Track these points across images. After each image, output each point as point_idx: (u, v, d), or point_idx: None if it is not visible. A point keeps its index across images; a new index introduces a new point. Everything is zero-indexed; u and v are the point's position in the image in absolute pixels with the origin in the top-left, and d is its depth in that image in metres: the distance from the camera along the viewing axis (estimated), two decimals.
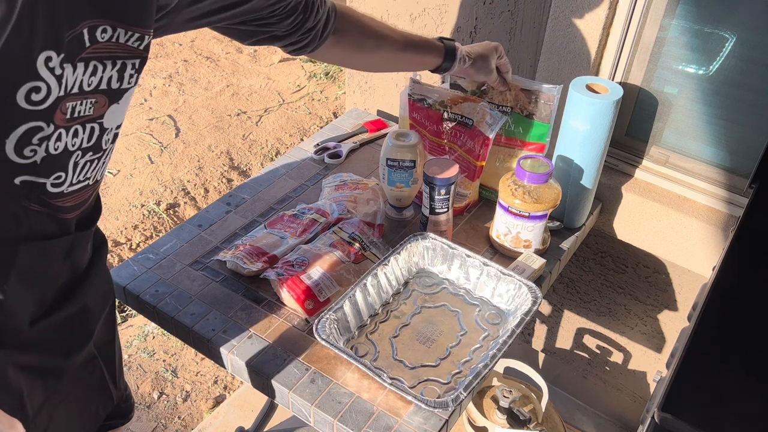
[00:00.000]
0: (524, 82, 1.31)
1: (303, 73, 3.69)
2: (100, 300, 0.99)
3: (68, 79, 0.74)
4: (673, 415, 0.76)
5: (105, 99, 0.80)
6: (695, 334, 0.87)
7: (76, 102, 0.76)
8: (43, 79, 0.71)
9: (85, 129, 0.80)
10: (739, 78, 1.29)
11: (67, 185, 0.82)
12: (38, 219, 0.81)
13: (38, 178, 0.78)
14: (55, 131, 0.76)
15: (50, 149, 0.77)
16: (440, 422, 0.99)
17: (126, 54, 0.79)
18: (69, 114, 0.76)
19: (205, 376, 2.09)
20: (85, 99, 0.77)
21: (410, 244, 1.24)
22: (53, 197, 0.81)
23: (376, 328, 1.15)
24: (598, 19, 1.32)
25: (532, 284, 1.16)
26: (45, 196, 0.80)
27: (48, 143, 0.76)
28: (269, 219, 1.35)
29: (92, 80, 0.77)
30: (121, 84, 0.81)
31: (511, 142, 1.38)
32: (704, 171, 1.40)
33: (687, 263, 1.44)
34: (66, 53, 0.72)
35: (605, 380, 1.86)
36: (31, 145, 0.74)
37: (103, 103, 0.80)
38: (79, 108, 0.77)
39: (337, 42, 1.15)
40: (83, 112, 0.78)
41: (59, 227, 0.85)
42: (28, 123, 0.72)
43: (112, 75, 0.79)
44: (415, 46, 1.24)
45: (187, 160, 3.00)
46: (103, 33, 0.75)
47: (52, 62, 0.71)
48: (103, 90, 0.79)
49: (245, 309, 1.17)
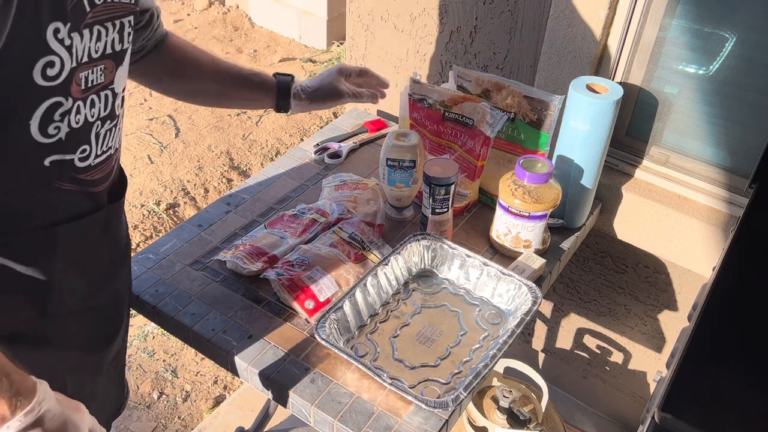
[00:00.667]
0: (527, 89, 1.31)
1: (303, 73, 3.69)
2: (126, 287, 1.01)
3: (77, 48, 0.73)
4: (673, 415, 0.76)
5: (112, 63, 0.80)
6: (695, 334, 0.87)
7: (87, 71, 0.76)
8: (55, 52, 0.70)
9: (100, 97, 0.80)
10: (739, 78, 1.29)
11: (93, 157, 0.82)
12: (72, 197, 0.81)
13: (65, 155, 0.78)
14: (74, 104, 0.75)
15: (72, 123, 0.76)
16: (440, 422, 0.99)
17: (121, 12, 0.79)
18: (83, 84, 0.76)
19: (205, 376, 2.09)
20: (95, 66, 0.77)
21: (410, 244, 1.24)
22: (82, 172, 0.81)
23: (376, 328, 1.15)
24: (598, 19, 1.32)
25: (532, 284, 1.16)
26: (74, 172, 0.80)
27: (69, 117, 0.76)
28: (269, 219, 1.35)
29: (98, 46, 0.76)
30: (122, 45, 0.81)
31: (512, 147, 1.37)
32: (704, 171, 1.40)
33: (687, 263, 1.44)
34: (72, 22, 0.71)
35: (605, 380, 1.86)
36: (53, 122, 0.74)
37: (111, 68, 0.80)
38: (91, 77, 0.77)
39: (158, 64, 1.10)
40: (96, 80, 0.78)
41: (92, 202, 0.85)
42: (48, 100, 0.72)
43: (114, 37, 0.79)
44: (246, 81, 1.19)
45: (187, 160, 3.00)
46: None
47: (60, 33, 0.70)
48: (109, 54, 0.79)
49: (245, 309, 1.17)
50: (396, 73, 1.77)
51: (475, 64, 1.61)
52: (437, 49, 1.65)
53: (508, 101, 1.32)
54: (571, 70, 1.40)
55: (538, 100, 1.28)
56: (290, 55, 3.85)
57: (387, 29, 1.72)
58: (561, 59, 1.40)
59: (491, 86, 1.35)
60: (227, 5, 4.26)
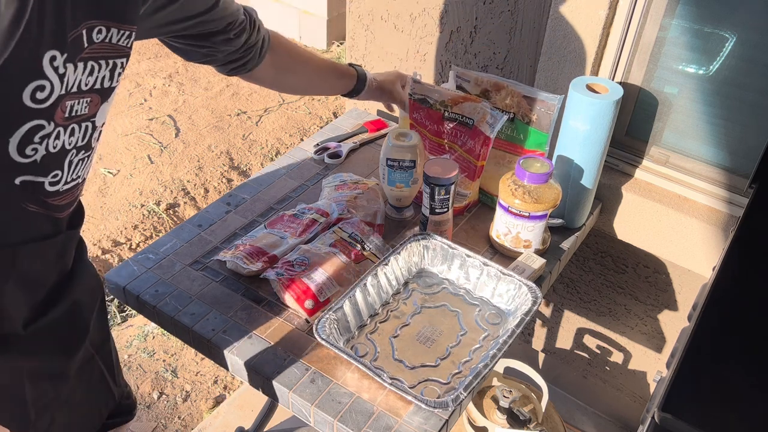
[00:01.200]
0: (526, 89, 1.31)
1: None
2: (89, 295, 1.00)
3: (69, 78, 0.75)
4: (673, 415, 0.76)
5: (98, 98, 0.82)
6: (695, 334, 0.87)
7: (74, 101, 0.78)
8: (48, 77, 0.72)
9: (81, 127, 0.81)
10: (739, 78, 1.29)
11: (62, 184, 0.83)
12: (36, 220, 0.82)
13: (37, 177, 0.79)
14: (54, 129, 0.77)
15: (50, 148, 0.78)
16: (440, 422, 0.99)
17: (117, 53, 0.81)
18: (68, 113, 0.78)
19: (205, 376, 2.09)
20: (82, 98, 0.79)
21: (410, 244, 1.24)
22: (50, 196, 0.82)
23: (376, 328, 1.15)
24: (598, 19, 1.32)
25: (532, 284, 1.16)
26: (42, 195, 0.81)
27: (48, 141, 0.77)
28: (269, 219, 1.35)
29: (89, 80, 0.79)
30: (111, 83, 0.83)
31: (512, 147, 1.37)
32: (704, 171, 1.40)
33: (687, 263, 1.44)
34: (69, 53, 0.73)
35: (605, 380, 1.86)
36: (32, 143, 0.75)
37: (97, 102, 0.82)
38: (76, 107, 0.79)
39: (272, 62, 1.21)
40: (80, 111, 0.80)
41: (54, 227, 0.86)
42: (31, 121, 0.74)
43: (105, 74, 0.81)
44: (335, 70, 1.34)
45: (187, 160, 3.00)
46: (98, 33, 0.77)
47: (56, 61, 0.72)
48: (97, 89, 0.81)
49: (245, 309, 1.17)
50: None
51: (475, 64, 1.61)
52: (437, 49, 1.65)
53: (507, 101, 1.32)
54: (571, 70, 1.40)
55: (537, 100, 1.28)
56: None
57: (387, 29, 1.72)
58: (561, 59, 1.40)
59: (490, 86, 1.35)
60: None
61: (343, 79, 1.36)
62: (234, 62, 1.14)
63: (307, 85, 1.34)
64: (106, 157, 2.98)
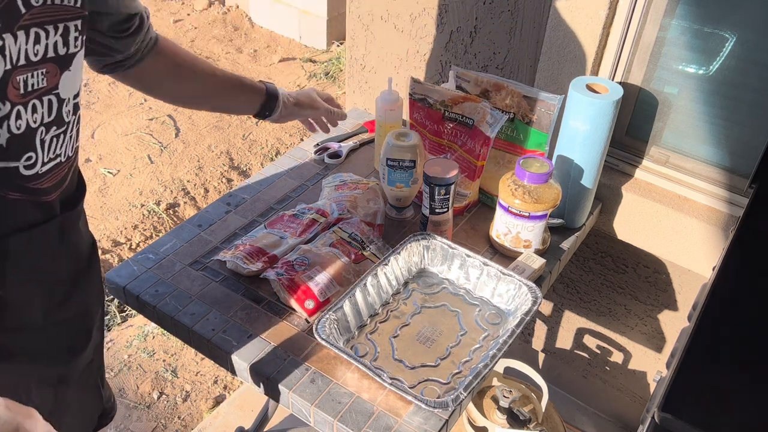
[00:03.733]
0: (526, 89, 1.30)
1: (303, 73, 3.69)
2: (96, 301, 0.99)
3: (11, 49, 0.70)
4: (673, 415, 0.76)
5: (55, 67, 0.77)
6: (695, 334, 0.87)
7: (26, 74, 0.73)
8: None
9: (43, 103, 0.76)
10: (739, 78, 1.29)
11: (39, 165, 0.78)
12: (19, 207, 0.78)
13: (8, 162, 0.75)
14: (12, 109, 0.73)
15: (12, 129, 0.73)
16: (440, 422, 0.99)
17: (65, 15, 0.76)
18: (22, 88, 0.73)
19: (205, 376, 2.09)
20: (35, 70, 0.74)
21: (410, 244, 1.24)
22: (29, 180, 0.78)
23: (376, 328, 1.15)
24: (598, 19, 1.32)
25: (532, 284, 1.16)
26: (20, 180, 0.77)
27: (8, 122, 0.73)
28: (269, 219, 1.35)
29: (37, 49, 0.73)
30: (68, 49, 0.77)
31: (511, 147, 1.37)
32: (704, 171, 1.40)
33: (687, 263, 1.44)
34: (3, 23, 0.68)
35: (605, 380, 1.86)
36: None
37: (55, 72, 0.77)
38: (31, 81, 0.74)
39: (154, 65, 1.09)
40: (36, 84, 0.75)
41: (43, 212, 0.82)
42: None
43: (57, 40, 0.76)
44: (237, 83, 1.21)
45: (187, 160, 3.00)
46: None
47: None
48: (51, 58, 0.75)
49: (245, 309, 1.17)
50: (396, 73, 1.77)
51: (475, 64, 1.61)
52: (437, 49, 1.65)
53: (507, 101, 1.32)
54: (571, 70, 1.40)
55: (537, 100, 1.28)
56: (290, 55, 3.85)
57: (387, 29, 1.72)
58: (561, 59, 1.40)
59: (490, 86, 1.35)
60: (227, 5, 4.26)
61: (248, 94, 1.23)
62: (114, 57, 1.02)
63: (195, 95, 1.20)
64: (106, 157, 2.98)
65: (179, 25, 4.08)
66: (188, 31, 4.01)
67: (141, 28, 1.01)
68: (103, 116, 3.22)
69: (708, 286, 0.99)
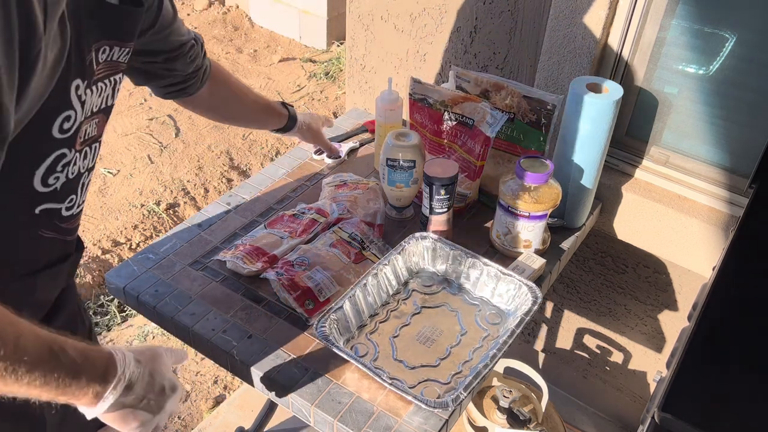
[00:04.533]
0: (526, 89, 1.30)
1: (303, 73, 3.69)
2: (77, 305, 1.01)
3: (87, 103, 0.76)
4: (673, 415, 0.76)
5: (104, 117, 0.82)
6: (695, 334, 0.87)
7: (87, 125, 0.78)
8: (74, 107, 0.73)
9: (92, 149, 0.82)
10: (739, 78, 1.29)
11: (76, 207, 0.84)
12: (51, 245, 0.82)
13: (56, 204, 0.79)
14: (73, 156, 0.77)
15: (69, 174, 0.79)
16: (440, 422, 0.99)
17: (116, 70, 0.82)
18: (83, 137, 0.78)
19: (205, 376, 2.09)
20: (92, 120, 0.79)
21: (410, 244, 1.24)
22: (65, 221, 0.83)
23: (376, 328, 1.15)
24: (598, 19, 1.32)
25: (532, 284, 1.16)
26: (58, 220, 0.81)
27: (68, 169, 0.78)
28: (269, 219, 1.35)
29: (98, 101, 0.79)
30: (113, 100, 0.83)
31: (511, 147, 1.37)
32: (704, 171, 1.40)
33: (687, 263, 1.44)
34: (88, 79, 0.74)
35: (605, 380, 1.86)
36: (55, 173, 0.76)
37: (103, 122, 0.82)
38: (89, 130, 0.79)
39: (210, 90, 1.20)
40: (90, 133, 0.80)
41: (65, 250, 0.87)
42: (57, 151, 0.74)
43: (109, 93, 0.81)
44: (268, 108, 1.35)
45: (187, 160, 3.00)
46: (103, 53, 0.77)
47: (80, 90, 0.73)
48: (103, 109, 0.81)
49: (245, 309, 1.17)
50: (396, 73, 1.77)
51: (475, 64, 1.61)
52: (437, 49, 1.65)
53: (507, 101, 1.32)
54: (571, 70, 1.40)
55: (537, 100, 1.28)
56: (290, 55, 3.85)
57: (387, 29, 1.72)
58: (561, 59, 1.40)
59: (490, 86, 1.35)
60: (227, 5, 4.26)
61: (275, 117, 1.37)
62: (177, 84, 1.12)
63: (239, 117, 1.35)
64: (106, 157, 2.98)
65: None
66: None
67: (193, 51, 1.09)
68: None
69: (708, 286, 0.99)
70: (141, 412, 0.79)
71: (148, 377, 0.79)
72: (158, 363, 0.81)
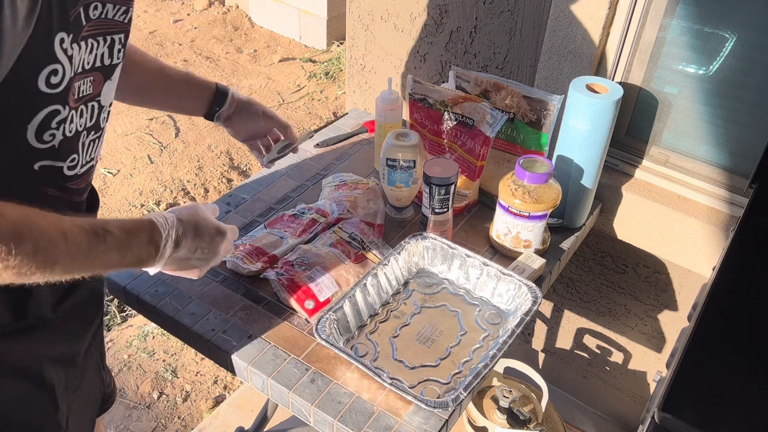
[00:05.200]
0: (526, 89, 1.30)
1: (303, 73, 3.69)
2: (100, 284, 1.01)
3: (75, 58, 0.75)
4: (673, 415, 0.76)
5: (101, 76, 0.82)
6: (695, 334, 0.87)
7: (80, 81, 0.78)
8: (59, 60, 0.72)
9: (88, 108, 0.82)
10: (739, 78, 1.29)
11: (79, 167, 0.84)
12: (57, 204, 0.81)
13: (56, 162, 0.80)
14: (69, 113, 0.77)
15: (66, 132, 0.78)
16: (440, 422, 0.99)
17: (114, 29, 0.81)
18: (77, 94, 0.78)
19: (205, 376, 2.09)
20: (86, 77, 0.79)
21: (410, 244, 1.24)
22: (69, 180, 0.83)
23: (376, 328, 1.15)
24: (598, 19, 1.32)
25: (532, 284, 1.16)
26: (62, 179, 0.82)
27: (64, 126, 0.77)
28: (269, 219, 1.35)
29: (90, 58, 0.78)
30: (111, 60, 0.83)
31: (511, 147, 1.37)
32: (704, 171, 1.40)
33: (687, 263, 1.44)
34: (73, 33, 0.73)
35: (605, 380, 1.86)
36: (50, 129, 0.76)
37: (99, 81, 0.82)
38: (83, 87, 0.79)
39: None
40: (85, 91, 0.80)
41: (73, 211, 0.86)
42: (48, 107, 0.74)
43: (104, 51, 0.81)
44: (186, 76, 1.18)
45: (186, 160, 3.00)
46: (95, 10, 0.76)
47: (65, 43, 0.72)
48: (98, 67, 0.81)
49: (245, 309, 1.17)
50: (396, 73, 1.77)
51: (475, 64, 1.61)
52: (437, 49, 1.65)
53: (507, 101, 1.32)
54: (571, 70, 1.40)
55: (537, 100, 1.28)
56: (290, 55, 3.85)
57: (387, 29, 1.72)
58: (561, 59, 1.40)
59: (490, 86, 1.35)
60: (227, 5, 4.26)
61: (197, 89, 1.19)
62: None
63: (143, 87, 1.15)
64: (106, 157, 2.98)
65: (179, 25, 4.08)
66: (188, 31, 4.01)
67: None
68: None
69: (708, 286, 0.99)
70: (196, 260, 0.91)
71: (193, 231, 0.89)
72: (199, 216, 0.90)
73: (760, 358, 0.86)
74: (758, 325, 0.90)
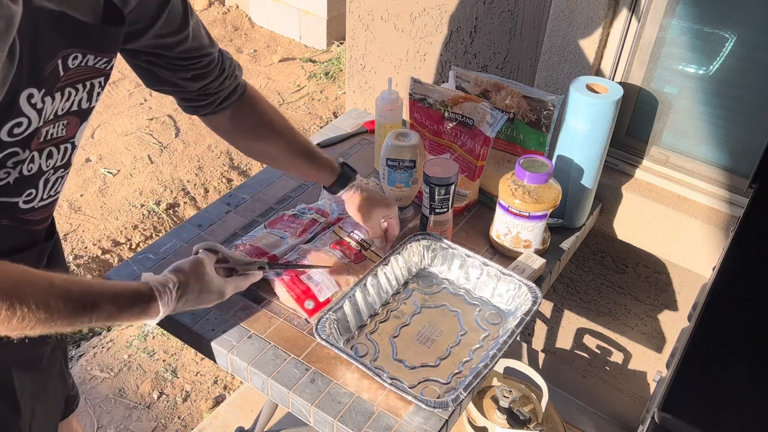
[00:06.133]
0: (526, 89, 1.30)
1: (303, 73, 3.69)
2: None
3: (47, 110, 0.75)
4: (673, 415, 0.76)
5: (76, 120, 0.82)
6: (695, 334, 0.87)
7: (50, 126, 0.78)
8: (26, 114, 0.73)
9: (59, 150, 0.82)
10: (739, 78, 1.29)
11: (37, 201, 0.84)
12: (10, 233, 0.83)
13: (10, 198, 0.80)
14: (29, 155, 0.78)
15: (24, 171, 0.79)
16: (440, 422, 0.99)
17: (94, 74, 0.81)
18: (43, 138, 0.78)
19: (205, 376, 2.09)
20: (58, 122, 0.79)
21: (410, 244, 1.24)
22: (24, 213, 0.83)
23: (376, 328, 1.15)
24: (598, 19, 1.32)
25: (532, 284, 1.16)
26: (17, 212, 0.82)
27: (22, 166, 0.78)
28: (269, 219, 1.35)
29: (66, 105, 0.79)
30: (90, 103, 0.83)
31: (511, 147, 1.37)
32: (704, 171, 1.40)
33: (687, 263, 1.44)
34: (46, 87, 0.73)
35: (605, 380, 1.86)
36: (5, 168, 0.76)
37: (75, 124, 0.82)
38: (52, 131, 0.79)
39: (231, 117, 1.10)
40: (56, 134, 0.80)
41: (29, 239, 0.87)
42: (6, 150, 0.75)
43: (83, 96, 0.81)
44: (311, 157, 1.17)
45: (187, 160, 3.00)
46: (74, 60, 0.76)
47: (34, 98, 0.73)
48: (74, 111, 0.81)
49: (245, 309, 1.17)
50: (396, 73, 1.77)
51: (475, 64, 1.61)
52: (437, 49, 1.65)
53: (507, 101, 1.32)
54: (571, 70, 1.40)
55: (537, 100, 1.28)
56: (290, 55, 3.85)
57: (387, 29, 1.72)
58: (561, 59, 1.40)
59: (490, 86, 1.35)
60: (227, 5, 4.26)
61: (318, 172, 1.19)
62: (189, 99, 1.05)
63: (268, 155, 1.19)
64: (106, 157, 2.98)
65: None
66: None
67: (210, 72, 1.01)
68: (103, 116, 3.22)
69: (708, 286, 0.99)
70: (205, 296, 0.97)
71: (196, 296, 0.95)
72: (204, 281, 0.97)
73: (760, 358, 0.86)
74: (758, 325, 0.90)
